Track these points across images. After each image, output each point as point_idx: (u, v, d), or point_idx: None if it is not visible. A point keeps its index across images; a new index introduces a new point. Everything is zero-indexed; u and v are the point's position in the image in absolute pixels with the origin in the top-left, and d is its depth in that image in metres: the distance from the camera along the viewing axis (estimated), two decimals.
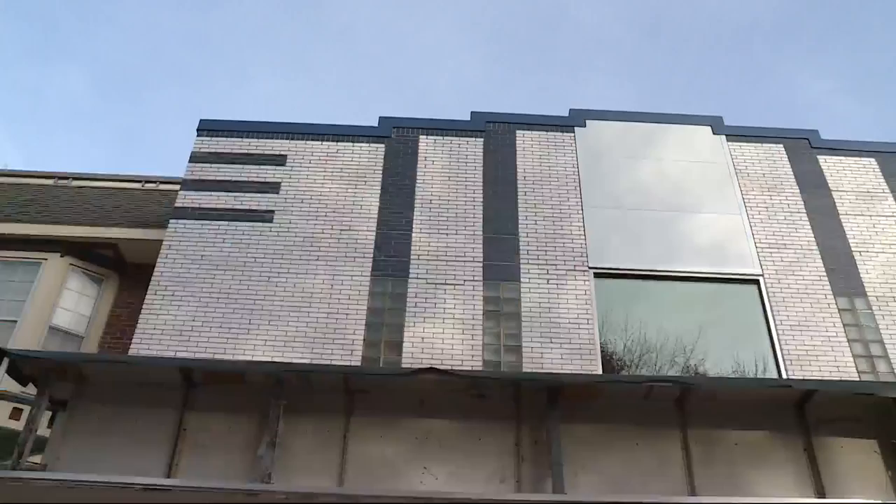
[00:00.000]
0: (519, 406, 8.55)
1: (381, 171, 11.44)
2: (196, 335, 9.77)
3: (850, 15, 46.09)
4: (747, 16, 48.14)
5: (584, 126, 12.17)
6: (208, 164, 11.44)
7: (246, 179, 11.28)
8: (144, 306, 10.04)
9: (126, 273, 12.36)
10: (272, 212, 10.96)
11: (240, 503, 6.97)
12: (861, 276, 10.79)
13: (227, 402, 8.47)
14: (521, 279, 10.38)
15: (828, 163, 12.08)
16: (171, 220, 10.87)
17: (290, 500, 6.92)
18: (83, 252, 12.14)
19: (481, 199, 11.20)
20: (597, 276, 10.56)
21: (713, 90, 49.51)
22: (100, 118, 53.23)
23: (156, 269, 10.38)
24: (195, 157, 11.51)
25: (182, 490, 6.83)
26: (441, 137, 11.90)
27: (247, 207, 10.98)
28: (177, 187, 12.86)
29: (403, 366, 9.39)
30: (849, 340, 10.13)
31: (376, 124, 12.03)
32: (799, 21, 47.92)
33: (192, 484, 6.91)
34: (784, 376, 9.77)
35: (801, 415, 8.65)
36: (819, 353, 10.03)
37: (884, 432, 8.50)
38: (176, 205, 11.06)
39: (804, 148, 12.25)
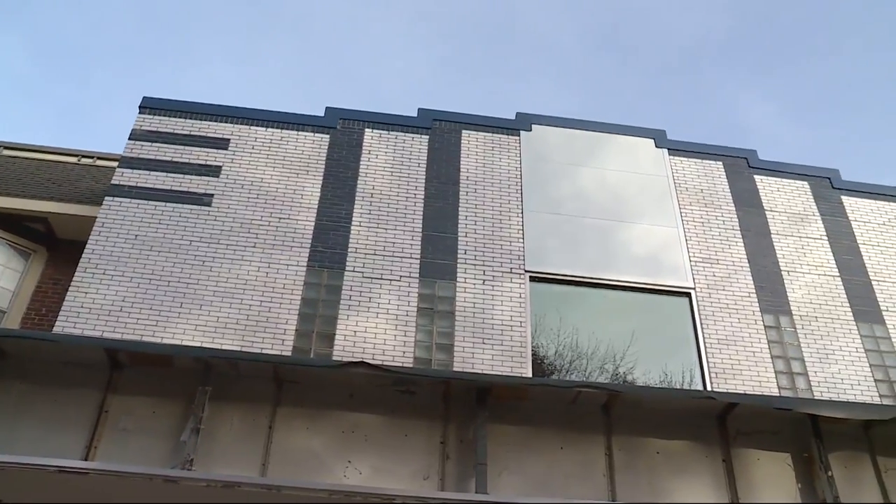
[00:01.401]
0: (447, 404, 8.59)
1: (324, 162, 11.36)
2: (125, 316, 9.58)
3: (795, 44, 47.36)
4: (695, 35, 49.10)
5: (530, 130, 12.25)
6: (149, 143, 11.21)
7: (186, 161, 11.10)
8: (73, 284, 9.80)
9: (56, 248, 12.05)
10: (211, 195, 10.79)
11: (159, 489, 6.85)
12: (788, 294, 11.08)
13: (152, 385, 8.34)
14: (458, 278, 10.41)
15: (763, 183, 12.37)
16: (107, 198, 10.63)
17: (210, 487, 6.83)
18: (11, 224, 11.79)
19: (423, 197, 11.20)
20: (532, 279, 10.65)
21: (657, 104, 50.33)
22: (41, 92, 51.71)
23: (87, 246, 10.14)
24: (135, 135, 11.27)
25: (99, 473, 6.67)
26: (387, 132, 11.86)
27: (185, 189, 10.80)
28: (114, 164, 12.61)
29: (334, 358, 9.35)
30: (772, 357, 10.40)
31: (322, 114, 11.93)
32: (745, 46, 49.01)
33: (110, 467, 6.77)
34: (709, 388, 9.97)
35: (722, 426, 8.88)
36: (743, 367, 10.27)
37: (798, 446, 8.78)
38: (112, 182, 10.82)
39: (742, 167, 12.53)
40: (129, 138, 11.22)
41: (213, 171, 11.03)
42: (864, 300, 11.20)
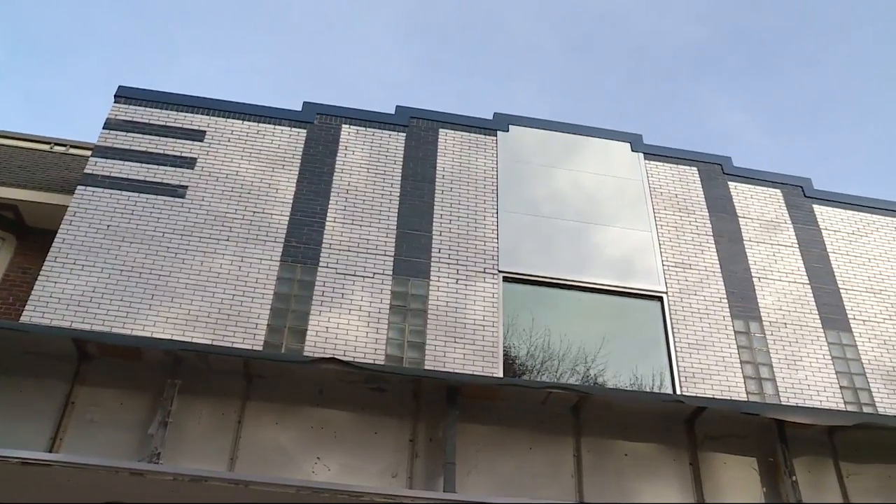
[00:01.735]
0: (417, 402, 8.60)
1: (300, 157, 11.31)
2: (94, 307, 9.47)
3: (771, 55, 47.83)
4: (674, 43, 49.46)
5: (507, 131, 12.27)
6: (123, 133, 11.10)
7: (161, 152, 11.00)
8: (42, 273, 9.69)
9: (25, 237, 11.87)
10: (185, 187, 10.71)
11: (125, 482, 6.79)
12: (758, 300, 11.18)
13: (121, 377, 8.28)
14: (431, 277, 10.41)
15: (737, 189, 12.48)
16: (79, 187, 10.51)
17: (177, 481, 6.78)
18: None
19: (398, 194, 11.18)
20: (506, 279, 10.67)
21: (633, 109, 50.63)
22: (15, 79, 50.99)
23: (58, 235, 10.02)
24: (110, 124, 11.16)
25: (63, 466, 6.61)
26: (364, 128, 11.83)
27: (159, 180, 10.71)
28: (88, 153, 12.48)
29: (305, 354, 9.31)
30: (741, 362, 10.49)
31: (300, 108, 11.87)
32: (722, 55, 49.49)
33: (75, 460, 6.70)
34: (678, 392, 10.04)
35: (690, 430, 8.96)
36: (713, 371, 10.36)
37: (764, 450, 8.89)
38: (85, 171, 10.70)
39: (717, 173, 12.62)
40: (104, 127, 11.10)
41: (188, 162, 10.94)
42: (833, 308, 11.34)
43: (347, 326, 9.75)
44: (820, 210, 12.52)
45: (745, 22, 47.00)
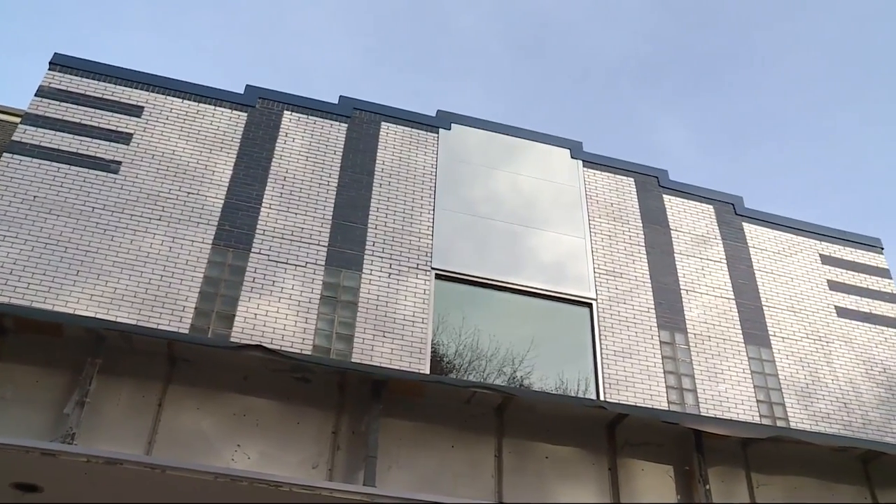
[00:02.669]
0: (342, 395, 8.58)
1: (239, 140, 11.13)
2: (14, 279, 9.18)
3: (708, 76, 48.94)
4: (618, 56, 50.21)
5: (450, 129, 12.28)
6: (57, 102, 10.78)
7: (96, 125, 10.71)
8: None
9: None
10: (119, 163, 10.45)
11: (35, 463, 6.60)
12: (685, 312, 11.42)
13: (38, 354, 8.07)
14: (363, 269, 10.37)
15: (671, 203, 12.72)
16: (5, 154, 10.17)
17: (91, 463, 6.63)
18: None
19: (336, 185, 11.09)
20: (438, 277, 10.69)
21: (575, 116, 51.22)
22: None
23: None
24: (43, 92, 10.82)
25: None
26: (306, 116, 11.71)
27: (92, 154, 10.43)
28: (16, 120, 12.07)
29: (232, 340, 9.18)
30: (664, 372, 10.71)
31: (242, 91, 11.70)
32: (663, 72, 50.44)
33: None
34: (602, 398, 10.19)
35: (611, 436, 9.13)
36: (637, 380, 10.55)
37: (680, 459, 9.11)
38: (13, 138, 10.35)
39: (653, 185, 12.84)
40: (36, 95, 10.76)
41: (124, 138, 10.69)
42: (755, 324, 11.65)
43: (276, 314, 9.65)
44: (749, 228, 12.85)
45: (689, 43, 48.04)
